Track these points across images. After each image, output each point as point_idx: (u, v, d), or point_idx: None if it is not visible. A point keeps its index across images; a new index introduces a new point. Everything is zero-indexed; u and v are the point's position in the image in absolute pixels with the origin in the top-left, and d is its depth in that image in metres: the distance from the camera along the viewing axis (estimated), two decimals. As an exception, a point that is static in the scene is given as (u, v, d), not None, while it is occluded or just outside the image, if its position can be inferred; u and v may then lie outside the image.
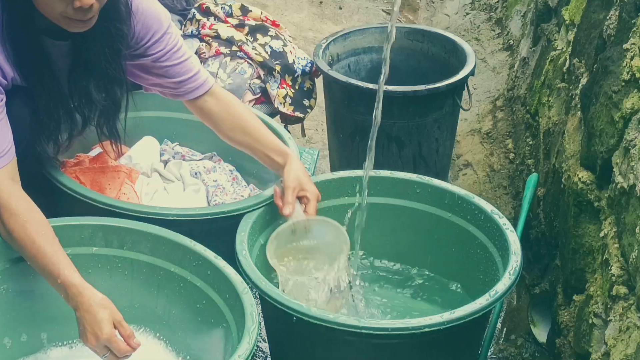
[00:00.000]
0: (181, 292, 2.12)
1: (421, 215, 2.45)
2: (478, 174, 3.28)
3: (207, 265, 2.07)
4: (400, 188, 2.46)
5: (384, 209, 2.46)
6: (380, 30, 3.28)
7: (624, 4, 2.17)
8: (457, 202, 2.39)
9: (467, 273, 2.40)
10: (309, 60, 3.13)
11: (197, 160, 2.80)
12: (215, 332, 2.06)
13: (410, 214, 2.46)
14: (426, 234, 2.47)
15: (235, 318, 1.99)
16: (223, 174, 2.75)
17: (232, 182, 2.73)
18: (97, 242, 2.13)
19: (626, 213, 1.93)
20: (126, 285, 2.16)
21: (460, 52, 3.13)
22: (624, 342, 1.84)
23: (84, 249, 2.12)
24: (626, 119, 2.01)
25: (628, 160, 1.94)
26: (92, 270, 2.11)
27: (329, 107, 3.17)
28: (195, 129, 2.74)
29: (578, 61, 2.57)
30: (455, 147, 3.43)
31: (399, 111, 2.94)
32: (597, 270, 2.13)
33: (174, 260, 2.12)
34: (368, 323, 1.97)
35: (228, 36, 3.06)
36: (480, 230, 2.34)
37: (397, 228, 2.49)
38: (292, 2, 4.61)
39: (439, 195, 2.42)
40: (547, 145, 2.81)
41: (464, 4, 4.53)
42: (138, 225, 2.15)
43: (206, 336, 2.10)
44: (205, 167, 2.74)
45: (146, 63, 2.30)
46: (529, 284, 2.72)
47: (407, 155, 3.04)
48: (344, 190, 2.45)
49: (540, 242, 2.71)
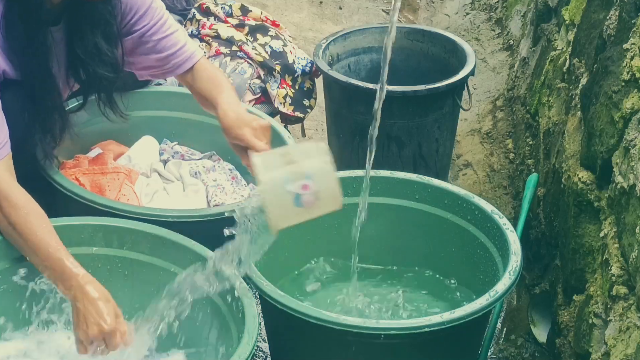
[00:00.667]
0: None
1: (421, 216, 2.45)
2: (478, 174, 3.28)
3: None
4: (400, 188, 2.46)
5: (384, 209, 2.46)
6: (381, 30, 3.28)
7: (624, 4, 2.17)
8: (457, 202, 2.39)
9: (467, 273, 2.40)
10: (309, 60, 3.14)
11: (197, 159, 2.80)
12: (214, 332, 2.06)
13: (410, 214, 2.46)
14: (426, 234, 2.46)
15: (234, 318, 1.98)
16: (222, 173, 2.75)
17: (231, 182, 2.73)
18: (97, 242, 2.13)
19: (626, 213, 1.93)
20: (126, 285, 2.16)
21: (460, 52, 3.13)
22: (624, 342, 1.84)
23: (83, 249, 2.12)
24: (626, 119, 2.01)
25: (628, 160, 1.94)
26: (91, 270, 2.09)
27: (329, 107, 3.17)
28: (194, 128, 2.75)
29: (578, 61, 2.57)
30: (455, 147, 3.43)
31: (399, 111, 2.94)
32: (597, 270, 2.13)
33: (173, 260, 2.12)
34: (369, 323, 1.97)
35: (228, 36, 3.06)
36: (480, 230, 2.34)
37: (397, 228, 2.49)
38: (292, 2, 4.60)
39: (439, 195, 2.42)
40: (547, 145, 2.81)
41: (464, 4, 4.53)
42: (138, 226, 2.15)
43: (205, 336, 2.09)
44: (204, 167, 2.73)
45: (134, 40, 2.29)
46: (529, 284, 2.71)
47: (407, 155, 3.04)
48: (344, 190, 2.45)
49: (540, 242, 2.71)
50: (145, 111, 2.77)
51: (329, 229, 2.44)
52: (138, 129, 2.75)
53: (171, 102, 2.79)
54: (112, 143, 2.78)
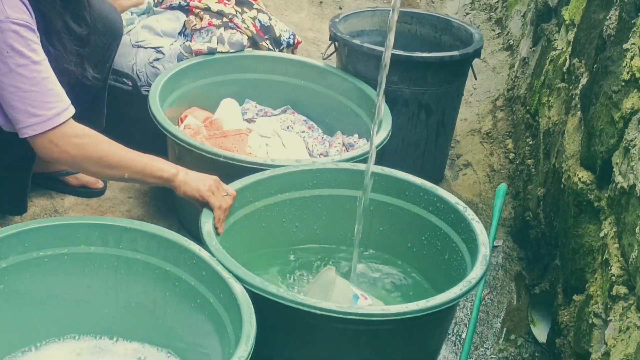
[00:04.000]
0: (176, 291, 2.12)
1: (393, 209, 2.49)
2: (478, 174, 3.28)
3: (201, 265, 2.07)
4: (379, 184, 2.48)
5: (352, 201, 2.48)
6: (372, 13, 3.35)
7: (624, 4, 2.17)
8: (418, 194, 2.44)
9: (434, 265, 2.44)
10: (291, 32, 3.24)
11: (277, 114, 3.01)
12: (210, 331, 2.06)
13: (385, 209, 2.50)
14: (392, 226, 2.51)
15: (230, 318, 1.98)
16: (300, 124, 2.97)
17: (308, 132, 2.95)
18: (94, 242, 2.13)
19: (626, 213, 1.92)
20: (122, 284, 2.16)
21: (456, 28, 3.24)
22: (624, 342, 1.84)
23: (80, 247, 2.12)
24: (626, 119, 2.01)
25: (628, 160, 1.94)
26: (88, 270, 2.12)
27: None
28: (263, 86, 3.06)
29: (578, 61, 2.57)
30: (455, 147, 3.43)
31: (432, 78, 2.99)
32: (597, 270, 2.13)
33: (169, 259, 2.12)
34: (346, 309, 1.98)
35: (218, 9, 3.09)
36: (445, 222, 2.39)
37: (374, 222, 2.53)
38: (292, 2, 4.60)
39: (400, 186, 2.46)
40: (547, 145, 2.81)
41: (464, 4, 4.53)
42: (133, 224, 2.15)
43: (201, 336, 2.09)
44: (291, 121, 2.96)
45: None
46: (529, 284, 2.71)
47: (432, 123, 3.10)
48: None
49: (540, 242, 2.71)
50: (215, 77, 3.00)
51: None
52: (212, 94, 2.99)
53: (241, 64, 3.03)
54: (196, 110, 2.95)
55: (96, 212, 2.80)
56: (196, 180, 2.22)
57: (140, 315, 2.18)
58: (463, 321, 2.61)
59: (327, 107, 3.06)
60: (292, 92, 3.10)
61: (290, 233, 2.51)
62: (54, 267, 2.10)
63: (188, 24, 3.04)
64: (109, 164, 2.17)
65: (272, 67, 3.09)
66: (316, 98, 3.08)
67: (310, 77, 3.08)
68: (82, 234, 2.13)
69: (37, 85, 2.10)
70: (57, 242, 2.08)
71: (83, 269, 2.10)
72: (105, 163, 2.17)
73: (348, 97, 3.00)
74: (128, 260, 2.15)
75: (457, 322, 2.59)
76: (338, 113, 3.03)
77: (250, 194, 2.39)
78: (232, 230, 2.31)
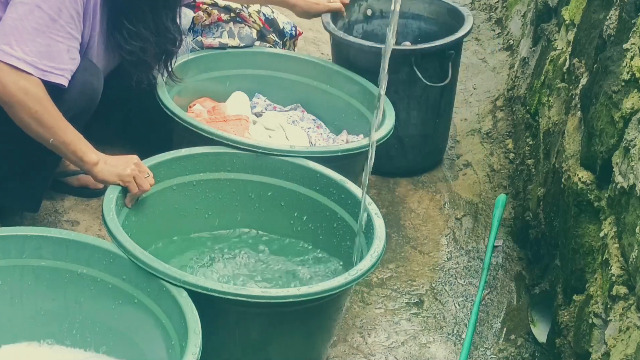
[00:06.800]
0: (92, 294, 2.08)
1: (292, 195, 2.54)
2: (478, 174, 3.28)
3: (120, 262, 2.05)
4: (275, 167, 2.53)
5: (258, 186, 2.54)
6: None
7: (624, 4, 2.17)
8: (329, 187, 2.49)
9: (341, 253, 2.48)
10: (292, 24, 3.28)
11: (287, 110, 3.04)
12: (146, 331, 2.04)
13: (283, 193, 2.55)
14: (300, 213, 2.55)
15: (167, 313, 1.97)
16: (309, 123, 3.00)
17: (315, 129, 3.00)
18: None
19: (626, 213, 1.93)
20: (30, 294, 2.09)
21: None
22: (624, 342, 1.84)
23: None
24: (626, 119, 2.01)
25: (628, 160, 1.94)
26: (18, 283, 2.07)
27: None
28: (275, 83, 3.10)
29: (578, 61, 2.57)
30: (455, 147, 3.43)
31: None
32: (597, 270, 2.13)
33: (80, 261, 2.07)
34: (240, 290, 2.02)
35: (226, 4, 3.11)
36: (351, 215, 2.43)
37: (272, 204, 2.57)
38: (292, 2, 4.60)
39: (310, 177, 2.51)
40: (547, 145, 2.81)
41: (464, 4, 4.52)
42: (34, 231, 2.09)
43: (135, 336, 2.08)
44: (298, 117, 2.99)
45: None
46: (529, 284, 2.72)
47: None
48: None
49: (540, 242, 2.71)
50: (229, 70, 3.05)
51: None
52: (225, 86, 3.03)
53: (254, 60, 3.09)
54: (207, 100, 2.99)
55: (96, 212, 2.80)
56: (116, 166, 2.27)
57: (55, 324, 2.12)
58: (463, 321, 2.61)
59: (336, 109, 3.05)
60: (303, 91, 3.10)
61: (203, 219, 2.54)
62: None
63: (197, 20, 3.06)
64: (41, 122, 2.22)
65: (286, 66, 3.10)
66: (327, 99, 3.08)
67: (322, 78, 3.08)
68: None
69: (35, 32, 2.19)
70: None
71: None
72: (37, 119, 2.21)
73: (358, 99, 3.00)
74: (34, 268, 2.08)
75: (457, 322, 2.60)
76: (347, 115, 3.03)
77: (164, 171, 2.43)
78: (142, 208, 2.35)
